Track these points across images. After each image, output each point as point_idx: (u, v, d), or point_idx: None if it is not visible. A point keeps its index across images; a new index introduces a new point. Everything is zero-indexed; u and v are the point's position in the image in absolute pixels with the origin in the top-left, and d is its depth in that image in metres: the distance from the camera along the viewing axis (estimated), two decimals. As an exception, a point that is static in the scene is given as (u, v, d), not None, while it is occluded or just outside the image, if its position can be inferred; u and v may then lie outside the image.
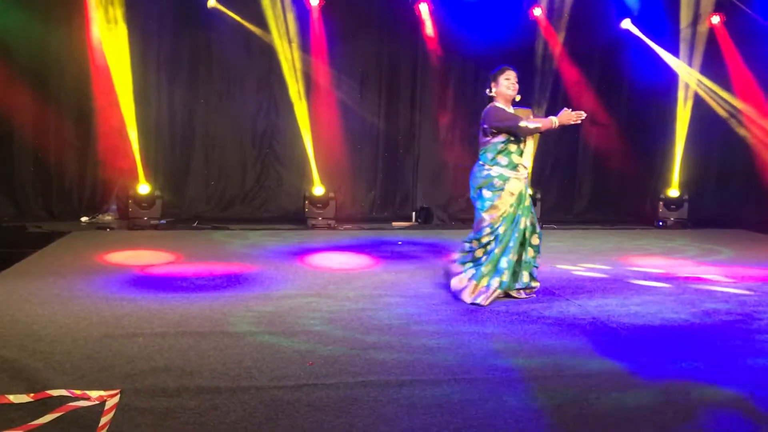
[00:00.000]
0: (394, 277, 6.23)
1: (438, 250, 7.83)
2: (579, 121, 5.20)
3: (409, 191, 10.72)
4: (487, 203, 5.23)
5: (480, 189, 5.26)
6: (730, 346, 4.30)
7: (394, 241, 8.46)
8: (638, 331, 4.58)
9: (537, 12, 10.15)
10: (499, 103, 5.27)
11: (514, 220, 5.24)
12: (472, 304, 5.16)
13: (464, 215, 10.65)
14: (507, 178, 5.21)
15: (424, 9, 10.01)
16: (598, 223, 10.34)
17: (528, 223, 5.31)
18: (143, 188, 9.14)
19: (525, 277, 5.33)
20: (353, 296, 5.43)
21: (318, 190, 9.67)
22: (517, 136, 5.20)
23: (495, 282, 5.19)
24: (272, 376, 3.59)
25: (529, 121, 5.14)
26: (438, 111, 10.61)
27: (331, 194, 9.66)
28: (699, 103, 10.51)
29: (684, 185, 10.59)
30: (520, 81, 5.34)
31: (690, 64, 10.42)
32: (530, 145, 5.36)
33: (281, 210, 10.28)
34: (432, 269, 6.63)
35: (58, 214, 9.50)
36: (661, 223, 10.34)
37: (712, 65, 10.40)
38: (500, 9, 9.88)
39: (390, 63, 10.49)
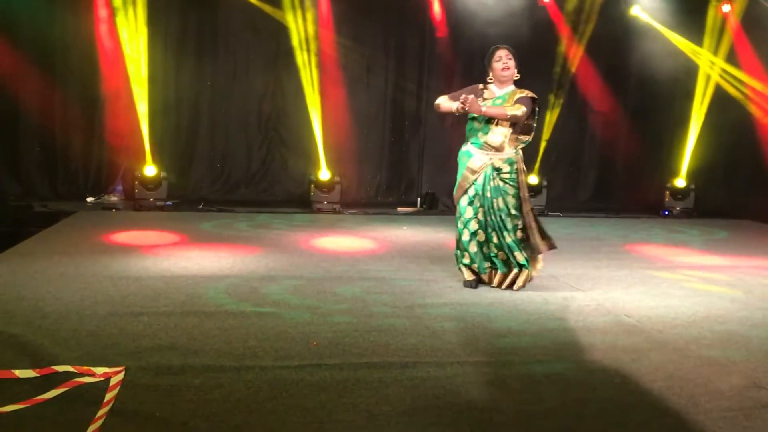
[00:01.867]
0: (398, 262, 6.24)
1: (442, 235, 7.82)
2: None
3: (415, 177, 10.71)
4: (456, 182, 5.26)
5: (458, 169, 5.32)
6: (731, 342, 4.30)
7: (399, 226, 8.45)
8: (644, 320, 4.57)
9: (546, -2, 10.08)
10: (492, 85, 5.25)
11: (486, 203, 5.13)
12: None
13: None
14: (471, 155, 5.18)
15: (433, -7, 9.95)
16: (603, 212, 10.31)
17: (501, 205, 5.12)
18: (149, 170, 9.14)
19: (496, 260, 5.19)
20: (358, 279, 5.44)
21: (323, 174, 9.66)
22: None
23: (465, 260, 5.27)
24: (276, 356, 3.60)
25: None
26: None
27: (337, 178, 9.67)
28: (708, 93, 10.47)
29: (691, 175, 10.56)
30: (530, 64, 5.29)
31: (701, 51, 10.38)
32: (505, 124, 5.08)
33: (286, 193, 10.28)
34: (435, 254, 6.64)
35: (63, 193, 9.51)
36: (666, 213, 10.32)
37: (723, 53, 10.35)
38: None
39: (397, 47, 10.44)
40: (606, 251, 7.10)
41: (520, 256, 5.15)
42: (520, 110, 4.99)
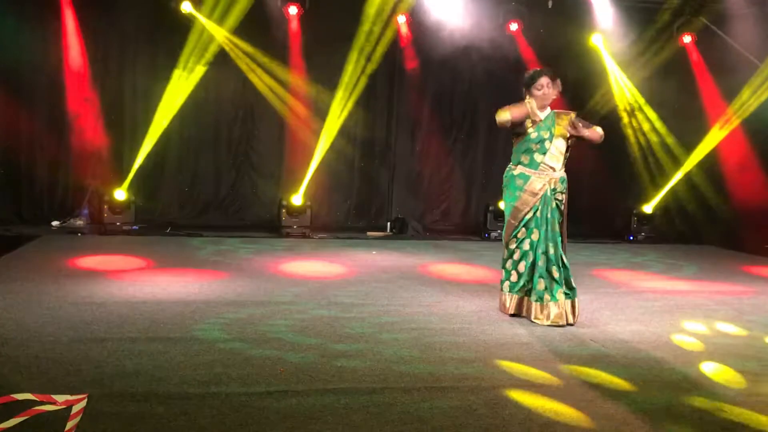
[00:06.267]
0: (367, 287, 6.24)
1: (411, 259, 7.85)
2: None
3: (385, 201, 10.75)
4: (509, 206, 5.14)
5: (504, 189, 5.19)
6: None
7: (368, 251, 8.46)
8: (608, 345, 4.63)
9: (513, 27, 10.25)
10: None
11: (544, 223, 5.11)
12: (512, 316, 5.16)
13: (439, 226, 10.72)
14: (528, 177, 5.08)
15: (401, 21, 10.07)
16: (571, 237, 10.38)
17: (557, 228, 5.17)
18: (118, 193, 9.04)
19: (544, 291, 5.06)
20: (325, 304, 5.43)
21: (293, 198, 9.65)
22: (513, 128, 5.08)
23: (509, 287, 5.16)
24: (242, 382, 3.57)
25: (503, 111, 4.95)
26: (415, 122, 10.68)
27: (307, 203, 9.66)
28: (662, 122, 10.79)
29: (657, 201, 10.76)
30: (501, 91, 5.32)
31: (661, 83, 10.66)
32: (560, 145, 5.17)
33: (255, 217, 10.25)
34: (405, 279, 6.65)
35: (27, 217, 9.36)
36: (631, 238, 10.50)
37: (683, 84, 10.62)
38: (478, 23, 9.97)
39: (367, 72, 10.50)
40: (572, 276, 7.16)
41: (571, 281, 5.15)
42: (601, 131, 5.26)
